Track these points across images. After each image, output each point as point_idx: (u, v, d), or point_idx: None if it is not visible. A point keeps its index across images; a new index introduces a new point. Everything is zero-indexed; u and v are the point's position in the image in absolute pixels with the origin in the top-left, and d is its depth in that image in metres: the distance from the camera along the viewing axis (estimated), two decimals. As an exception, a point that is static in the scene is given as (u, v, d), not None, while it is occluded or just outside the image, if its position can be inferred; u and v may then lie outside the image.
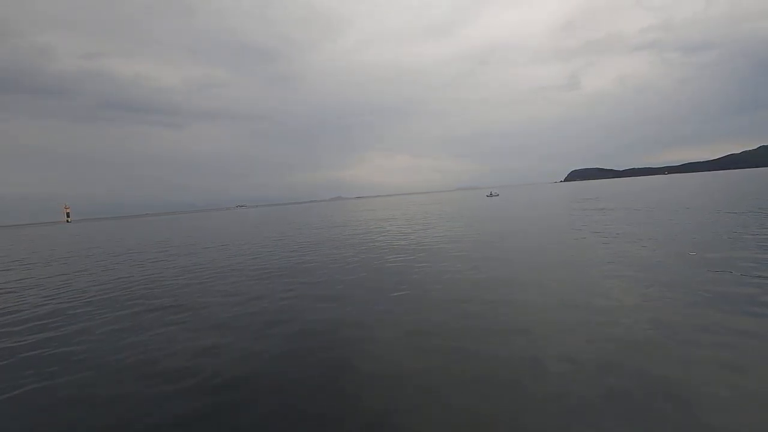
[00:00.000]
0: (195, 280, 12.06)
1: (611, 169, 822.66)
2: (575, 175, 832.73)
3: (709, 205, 23.52)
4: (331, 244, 18.86)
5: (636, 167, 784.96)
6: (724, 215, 18.07)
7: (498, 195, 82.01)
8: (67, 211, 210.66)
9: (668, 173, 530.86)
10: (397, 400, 4.36)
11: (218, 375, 5.29)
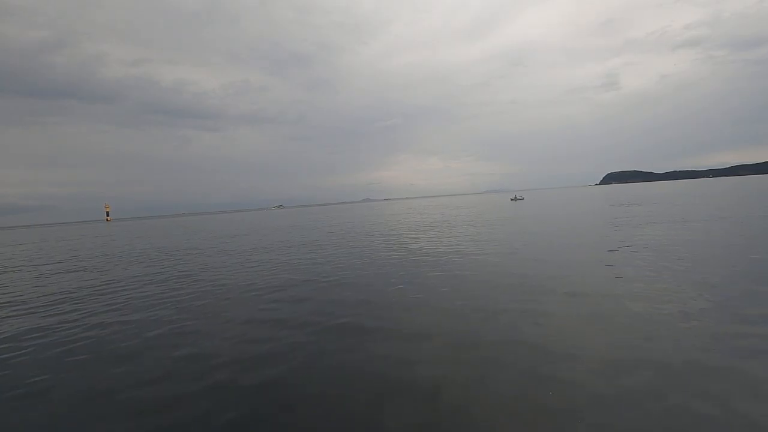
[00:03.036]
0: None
1: (650, 172, 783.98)
2: (611, 178, 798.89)
3: None
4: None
5: (677, 170, 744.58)
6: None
7: (523, 199, 79.13)
8: (108, 210, 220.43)
9: (713, 177, 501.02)
10: None
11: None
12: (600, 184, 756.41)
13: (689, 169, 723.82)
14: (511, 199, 79.95)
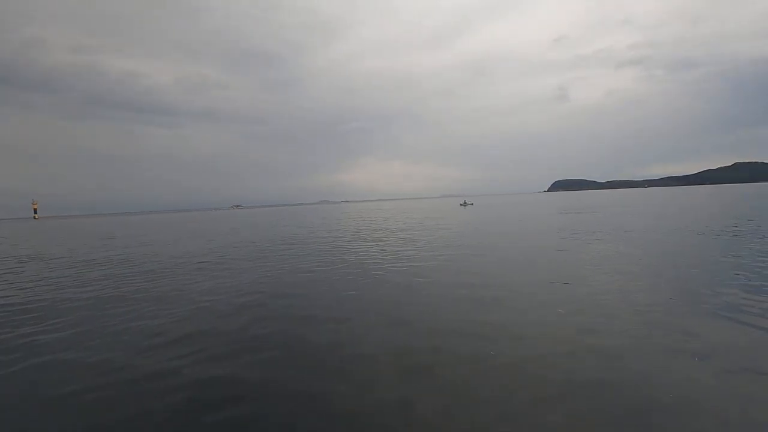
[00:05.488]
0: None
1: (593, 181, 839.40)
2: (558, 186, 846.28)
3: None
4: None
5: (617, 180, 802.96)
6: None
7: (472, 204, 79.91)
8: (35, 207, 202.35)
9: (648, 186, 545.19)
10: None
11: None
12: (548, 191, 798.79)
13: (627, 179, 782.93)
14: (461, 204, 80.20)
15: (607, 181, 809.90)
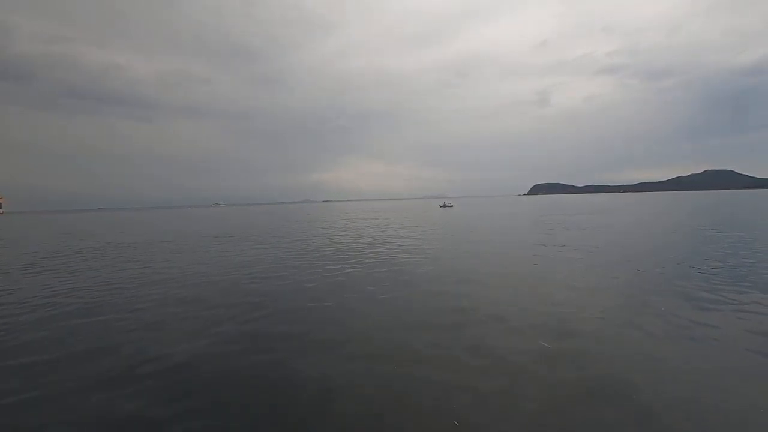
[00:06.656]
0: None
1: (571, 185, 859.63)
2: (538, 189, 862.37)
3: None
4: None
5: (594, 184, 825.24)
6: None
7: (452, 206, 79.85)
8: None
9: (623, 191, 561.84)
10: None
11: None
12: (528, 194, 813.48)
13: (604, 184, 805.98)
14: (440, 206, 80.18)
15: (585, 185, 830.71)
